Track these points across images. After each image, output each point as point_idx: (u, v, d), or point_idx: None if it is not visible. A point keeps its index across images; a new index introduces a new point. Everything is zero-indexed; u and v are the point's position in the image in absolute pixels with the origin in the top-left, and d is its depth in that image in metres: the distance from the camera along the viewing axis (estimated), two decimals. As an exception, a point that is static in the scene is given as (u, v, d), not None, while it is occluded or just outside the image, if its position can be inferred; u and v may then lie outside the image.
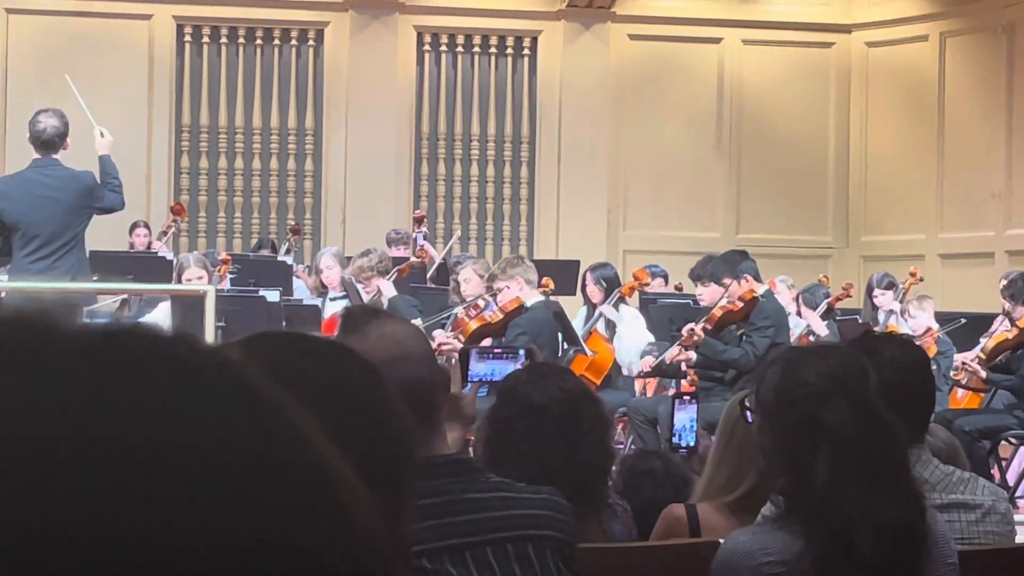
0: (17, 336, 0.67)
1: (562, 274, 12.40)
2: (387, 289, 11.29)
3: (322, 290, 12.06)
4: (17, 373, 0.65)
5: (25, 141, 9.93)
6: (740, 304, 10.31)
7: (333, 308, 11.02)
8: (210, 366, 0.69)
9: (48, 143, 9.56)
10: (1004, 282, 11.34)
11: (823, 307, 12.62)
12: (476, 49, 17.07)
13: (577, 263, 13.03)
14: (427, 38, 16.97)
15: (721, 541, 3.35)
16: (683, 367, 10.64)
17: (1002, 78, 16.44)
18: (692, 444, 5.16)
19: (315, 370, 1.63)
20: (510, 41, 17.11)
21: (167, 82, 16.55)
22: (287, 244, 15.36)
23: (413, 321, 9.94)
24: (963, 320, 12.11)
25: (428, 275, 13.56)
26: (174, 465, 0.64)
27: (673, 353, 10.57)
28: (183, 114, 16.71)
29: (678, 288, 13.73)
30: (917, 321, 11.65)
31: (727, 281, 10.36)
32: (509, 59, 17.14)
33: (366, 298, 11.19)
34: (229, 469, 0.65)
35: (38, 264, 9.34)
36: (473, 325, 10.39)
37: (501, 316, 10.31)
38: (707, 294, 10.58)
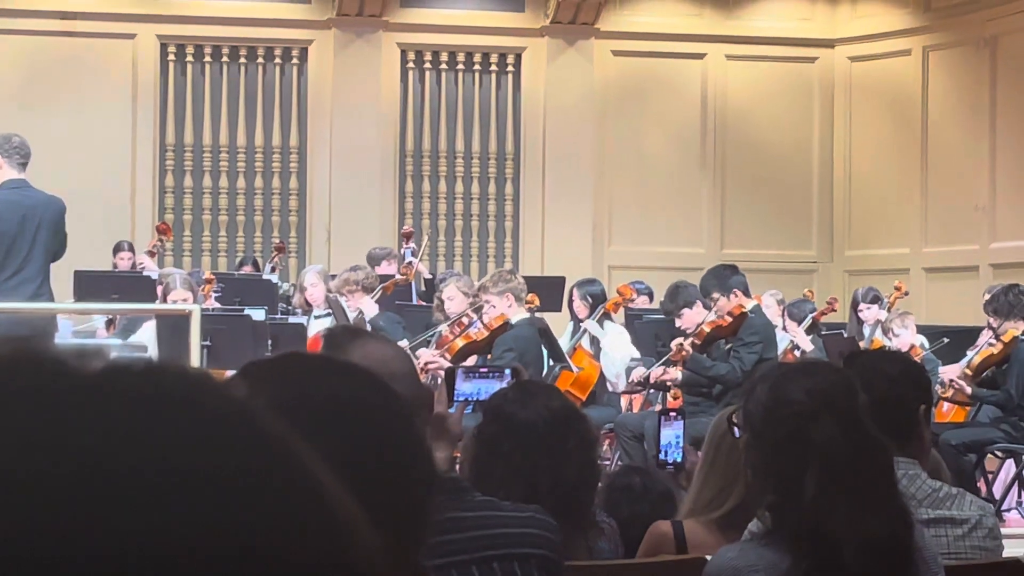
0: (25, 371, 0.68)
1: (548, 290, 12.41)
2: (369, 307, 11.28)
3: (307, 308, 12.06)
4: (26, 408, 0.66)
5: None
6: (729, 319, 10.31)
7: (318, 326, 11.01)
8: (213, 400, 0.69)
9: (26, 164, 9.59)
10: (987, 297, 11.35)
11: (808, 321, 12.63)
12: (460, 66, 17.09)
13: (562, 279, 13.04)
14: (411, 55, 16.99)
15: (708, 558, 3.35)
16: (668, 384, 10.64)
17: (985, 92, 16.49)
18: (679, 460, 5.16)
19: (340, 394, 1.64)
20: (494, 58, 17.12)
21: (151, 101, 16.54)
22: (272, 262, 15.34)
23: (397, 339, 9.93)
24: (945, 340, 12.12)
25: (416, 291, 13.56)
26: (174, 495, 0.65)
27: (657, 373, 10.58)
28: (167, 133, 16.70)
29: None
30: (901, 340, 11.64)
31: (716, 296, 10.35)
32: (493, 76, 17.16)
33: (351, 315, 11.18)
34: (225, 499, 0.66)
35: (24, 288, 9.31)
36: (459, 343, 10.38)
37: (487, 333, 10.30)
38: (686, 319, 10.57)
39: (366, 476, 0.80)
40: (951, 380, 10.86)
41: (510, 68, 17.16)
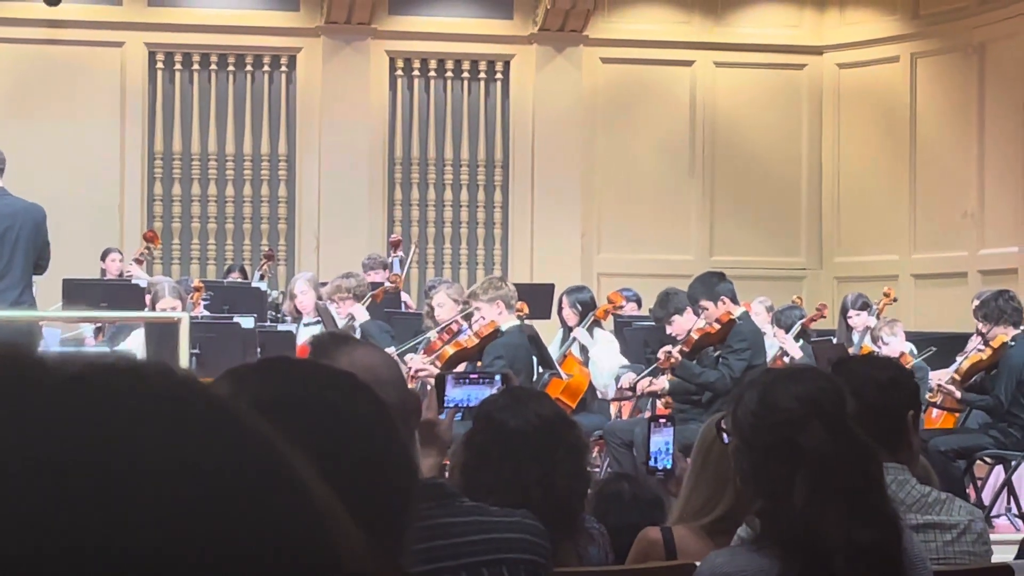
0: (4, 369, 0.68)
1: (537, 298, 12.39)
2: (359, 314, 11.28)
3: (296, 315, 12.04)
4: (4, 405, 0.66)
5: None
6: (717, 326, 10.31)
7: (307, 333, 11.00)
8: (197, 398, 0.69)
9: (2, 171, 9.53)
10: (976, 303, 11.37)
11: (797, 328, 12.64)
12: (449, 74, 17.09)
13: (551, 287, 13.03)
14: (399, 63, 16.99)
15: (697, 564, 3.35)
16: (657, 393, 10.64)
17: (973, 98, 16.51)
18: (668, 467, 5.15)
19: (321, 397, 1.64)
20: (482, 65, 17.13)
21: (139, 109, 16.53)
22: (261, 270, 15.34)
23: (385, 347, 9.93)
24: (933, 349, 12.12)
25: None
26: (156, 491, 0.65)
27: (644, 384, 10.58)
28: (156, 141, 16.69)
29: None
30: (891, 348, 11.64)
31: (704, 303, 10.35)
32: (482, 83, 17.17)
33: (341, 323, 11.18)
34: (209, 495, 0.66)
35: (6, 295, 9.28)
36: (449, 350, 10.38)
37: (477, 341, 10.30)
38: (676, 326, 10.57)
39: (345, 477, 0.80)
40: (940, 385, 10.87)
41: (499, 75, 17.16)
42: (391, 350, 10.20)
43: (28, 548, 0.62)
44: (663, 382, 10.48)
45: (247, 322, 10.81)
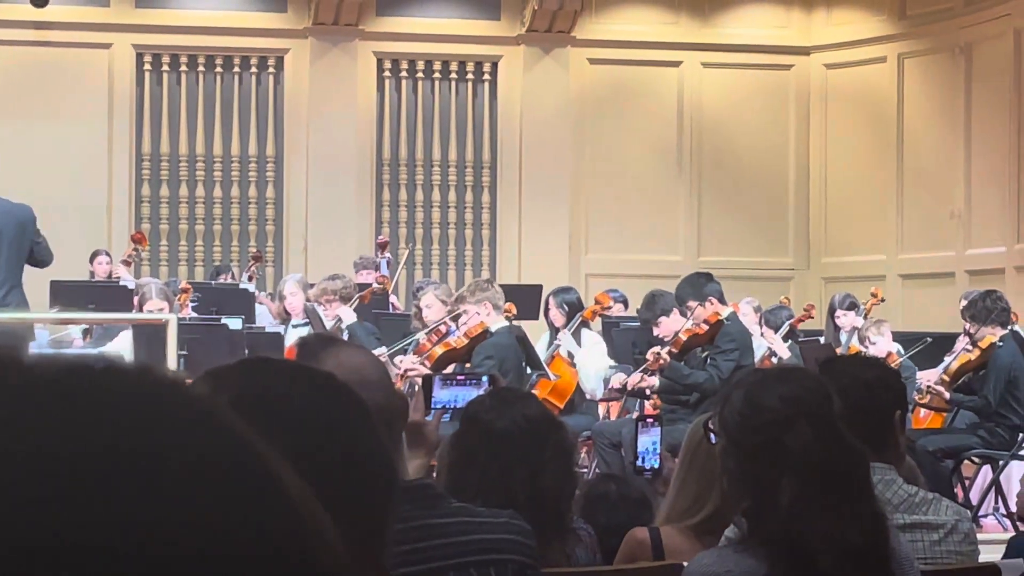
0: None
1: (525, 299, 12.39)
2: (347, 316, 11.28)
3: (285, 317, 12.04)
4: None
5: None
6: (705, 327, 10.32)
7: (296, 335, 10.99)
8: (175, 398, 0.69)
9: None
10: (964, 303, 11.38)
11: (785, 328, 12.65)
12: (436, 75, 17.09)
13: (539, 287, 13.03)
14: (387, 64, 16.98)
15: (684, 564, 3.35)
16: (647, 392, 10.64)
17: (960, 99, 16.54)
18: (656, 467, 5.16)
19: (296, 397, 1.64)
20: (470, 66, 17.13)
21: (127, 111, 16.51)
22: (249, 271, 15.32)
23: (372, 349, 9.93)
24: (929, 339, 12.13)
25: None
26: (134, 491, 0.64)
27: (635, 380, 10.58)
28: (143, 143, 16.67)
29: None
30: (878, 347, 11.64)
31: (691, 304, 10.36)
32: (469, 84, 17.16)
33: (328, 324, 11.17)
34: (187, 495, 0.65)
35: None
36: (439, 351, 10.38)
37: (466, 341, 10.31)
38: (663, 328, 10.57)
39: (324, 477, 0.80)
40: (928, 386, 10.88)
41: (486, 76, 17.16)
42: (380, 351, 10.20)
43: (6, 546, 0.62)
44: (654, 381, 10.49)
45: (235, 323, 10.81)
